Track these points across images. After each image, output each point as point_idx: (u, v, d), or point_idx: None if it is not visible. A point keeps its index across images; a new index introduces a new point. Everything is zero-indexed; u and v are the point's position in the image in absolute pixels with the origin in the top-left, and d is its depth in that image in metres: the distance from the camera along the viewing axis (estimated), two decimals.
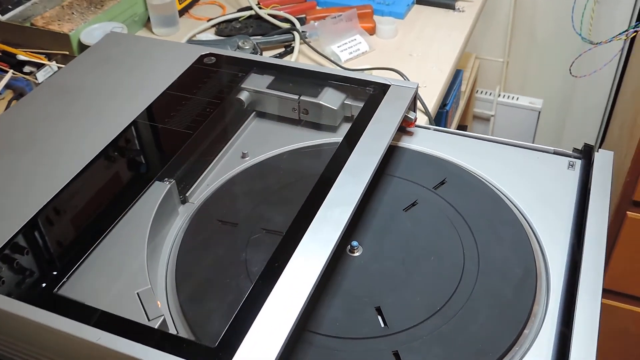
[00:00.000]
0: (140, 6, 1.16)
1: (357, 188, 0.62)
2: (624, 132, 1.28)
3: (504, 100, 1.68)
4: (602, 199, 0.67)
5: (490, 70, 1.76)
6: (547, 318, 0.57)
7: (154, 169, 0.68)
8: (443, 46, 1.12)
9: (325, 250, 0.56)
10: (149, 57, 0.87)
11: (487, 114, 1.68)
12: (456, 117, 1.42)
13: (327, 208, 0.60)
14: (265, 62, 0.84)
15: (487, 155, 0.75)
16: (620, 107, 1.52)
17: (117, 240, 0.60)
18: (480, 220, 0.66)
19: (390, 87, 0.77)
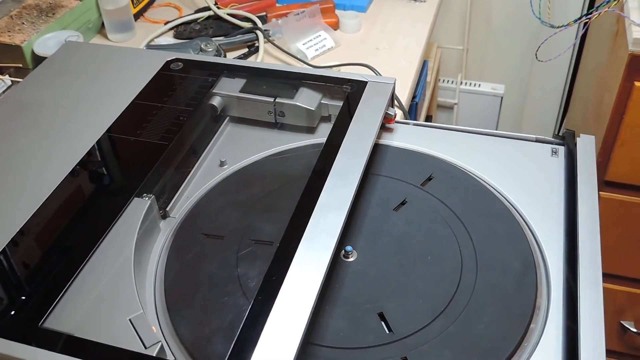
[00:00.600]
0: (94, 12, 1.11)
1: (348, 191, 0.61)
2: (589, 112, 1.30)
3: (466, 87, 1.69)
4: (590, 184, 0.67)
5: (451, 59, 1.76)
6: (552, 310, 0.56)
7: (131, 185, 0.65)
8: (408, 38, 1.11)
9: (324, 258, 0.54)
10: (111, 66, 0.83)
11: (450, 102, 1.69)
12: (424, 108, 1.42)
13: (320, 214, 0.58)
14: (235, 65, 0.81)
15: (470, 148, 0.74)
16: (580, 88, 1.54)
17: (101, 264, 0.57)
18: (472, 215, 0.65)
19: (368, 84, 0.76)
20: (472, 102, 1.69)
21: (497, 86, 1.68)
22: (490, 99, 1.67)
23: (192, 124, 0.74)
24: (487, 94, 1.67)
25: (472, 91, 1.68)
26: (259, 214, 0.66)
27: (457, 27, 1.73)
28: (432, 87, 1.48)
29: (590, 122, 1.25)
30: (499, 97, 1.67)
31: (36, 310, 0.53)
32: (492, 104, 1.68)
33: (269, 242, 0.63)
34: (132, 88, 0.78)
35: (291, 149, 0.75)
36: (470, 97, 1.69)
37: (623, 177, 1.08)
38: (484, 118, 1.71)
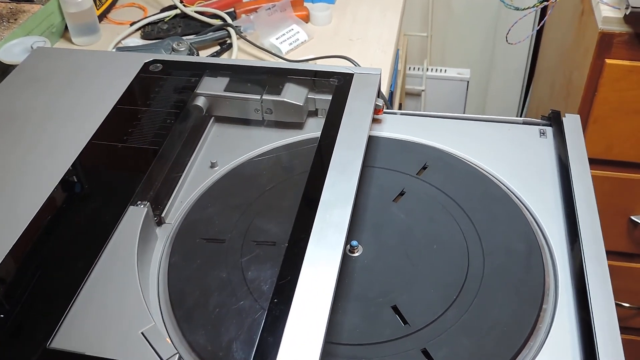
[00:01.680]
0: (57, 16, 1.07)
1: (350, 185, 0.60)
2: (557, 91, 1.32)
3: (433, 74, 1.70)
4: (582, 161, 0.68)
5: (415, 46, 1.77)
6: (560, 289, 0.57)
7: (124, 193, 0.63)
8: (380, 28, 1.11)
9: (335, 255, 0.53)
10: (86, 71, 0.80)
11: (417, 89, 1.69)
12: (397, 96, 1.42)
13: (325, 211, 0.58)
14: (217, 63, 0.80)
15: (460, 134, 0.74)
16: (543, 68, 1.57)
17: (104, 277, 0.55)
18: (471, 201, 0.66)
19: (354, 76, 0.75)
20: (439, 87, 1.70)
21: (462, 71, 1.70)
22: (456, 83, 1.69)
23: (180, 126, 0.72)
24: (453, 79, 1.69)
25: (438, 77, 1.69)
26: (257, 215, 0.65)
27: (419, 14, 1.74)
28: (402, 75, 1.48)
29: (559, 101, 1.27)
30: (465, 82, 1.68)
31: (42, 330, 0.51)
32: (459, 89, 1.69)
33: (271, 242, 0.61)
34: (112, 92, 0.76)
35: (282, 146, 0.74)
36: (437, 83, 1.70)
37: (598, 153, 1.10)
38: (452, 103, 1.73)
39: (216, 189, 0.69)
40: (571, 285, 0.57)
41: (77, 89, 0.77)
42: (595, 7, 1.01)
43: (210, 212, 0.66)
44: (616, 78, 1.02)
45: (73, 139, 0.69)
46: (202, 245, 0.62)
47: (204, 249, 0.62)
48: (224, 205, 0.67)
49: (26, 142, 0.70)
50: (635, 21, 0.96)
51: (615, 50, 1.00)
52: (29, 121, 0.73)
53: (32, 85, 0.79)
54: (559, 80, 1.31)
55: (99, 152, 0.68)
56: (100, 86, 0.77)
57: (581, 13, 1.13)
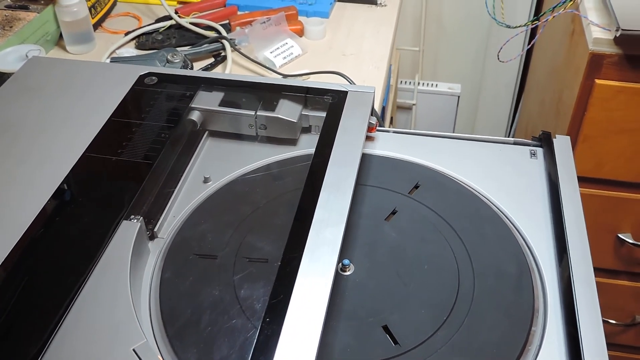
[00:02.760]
0: (52, 24, 1.07)
1: (343, 204, 0.60)
2: (546, 109, 1.33)
3: (424, 88, 1.71)
4: (571, 183, 0.68)
5: (407, 60, 1.78)
6: (550, 311, 0.57)
7: (118, 208, 0.63)
8: (374, 43, 1.11)
9: (327, 274, 0.54)
10: (81, 82, 0.80)
11: (408, 103, 1.70)
12: (389, 111, 1.43)
13: (318, 229, 0.58)
14: (212, 78, 0.80)
15: (452, 153, 0.75)
16: (534, 86, 1.58)
17: (96, 292, 0.55)
18: (462, 221, 0.66)
19: (348, 94, 0.76)
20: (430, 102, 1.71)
21: (453, 85, 1.71)
22: (447, 98, 1.70)
23: (174, 140, 0.72)
24: (444, 94, 1.70)
25: (429, 91, 1.70)
26: (250, 231, 0.65)
27: (411, 29, 1.75)
28: (394, 90, 1.49)
29: (549, 118, 1.28)
30: (456, 96, 1.69)
31: (33, 346, 0.51)
32: (450, 103, 1.70)
33: (264, 260, 0.62)
34: (106, 105, 0.76)
35: (275, 162, 0.75)
36: (428, 98, 1.71)
37: (587, 171, 1.11)
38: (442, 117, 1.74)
39: (209, 204, 0.69)
40: (560, 307, 0.58)
41: (72, 100, 0.77)
42: (585, 28, 1.03)
43: (203, 228, 0.66)
44: (605, 98, 1.03)
45: (67, 150, 0.69)
46: (194, 261, 0.62)
47: (196, 265, 0.62)
48: (217, 220, 0.67)
49: (19, 153, 0.70)
50: (625, 43, 0.98)
51: (605, 70, 1.01)
52: (23, 131, 0.73)
53: (26, 95, 0.79)
54: (548, 98, 1.32)
55: (93, 165, 0.68)
56: (95, 98, 0.77)
57: (572, 33, 1.14)
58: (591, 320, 0.55)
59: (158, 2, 1.20)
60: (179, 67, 0.99)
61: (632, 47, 0.97)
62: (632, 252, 1.20)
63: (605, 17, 1.00)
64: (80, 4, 1.04)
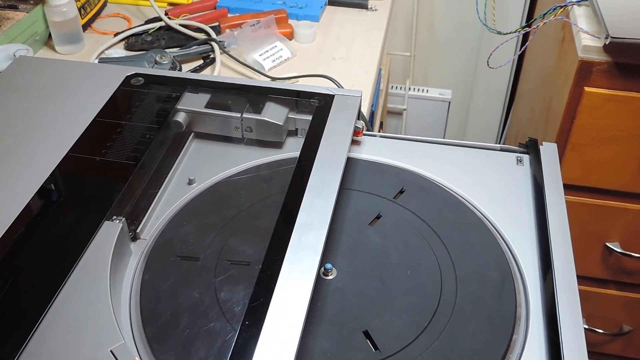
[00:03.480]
0: (41, 24, 1.07)
1: (326, 208, 0.60)
2: (536, 116, 1.33)
3: (415, 93, 1.71)
4: (557, 190, 0.69)
5: (398, 65, 1.78)
6: (532, 319, 0.57)
7: (100, 208, 0.62)
8: (364, 47, 1.12)
9: (308, 279, 0.54)
10: (68, 82, 0.80)
11: (399, 108, 1.71)
12: (378, 116, 1.43)
13: (300, 233, 0.58)
14: (199, 79, 0.80)
15: (438, 159, 0.75)
16: (524, 92, 1.59)
17: (76, 292, 0.55)
18: (446, 227, 0.66)
19: (335, 97, 0.76)
20: (421, 107, 1.71)
21: (444, 91, 1.71)
22: (438, 104, 1.70)
23: (159, 142, 0.72)
24: (435, 99, 1.70)
25: (420, 97, 1.71)
26: (233, 234, 0.65)
27: (402, 34, 1.76)
28: (384, 95, 1.49)
29: (539, 125, 1.28)
30: (446, 102, 1.70)
31: (10, 345, 0.50)
32: (441, 109, 1.71)
33: (246, 262, 0.61)
34: (92, 105, 0.75)
35: (261, 165, 0.74)
36: (418, 103, 1.71)
37: (575, 179, 1.11)
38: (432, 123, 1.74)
39: (193, 206, 0.69)
40: (542, 315, 0.58)
41: (58, 99, 0.77)
42: (575, 35, 1.03)
43: (186, 230, 0.66)
44: (594, 106, 1.03)
45: (51, 150, 0.69)
46: (176, 262, 0.62)
47: (178, 267, 0.62)
48: (200, 223, 0.66)
49: (3, 152, 0.69)
50: (614, 51, 0.98)
51: (595, 78, 1.01)
52: (8, 131, 0.72)
53: (12, 94, 0.78)
54: (539, 104, 1.32)
55: (77, 165, 0.68)
56: (80, 98, 0.77)
57: (562, 40, 1.15)
58: (573, 329, 0.55)
59: (148, 4, 1.20)
60: (167, 69, 0.99)
61: (622, 55, 0.98)
62: (620, 261, 1.20)
63: (595, 25, 1.01)
64: (69, 4, 1.04)
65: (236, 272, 0.60)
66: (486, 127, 1.88)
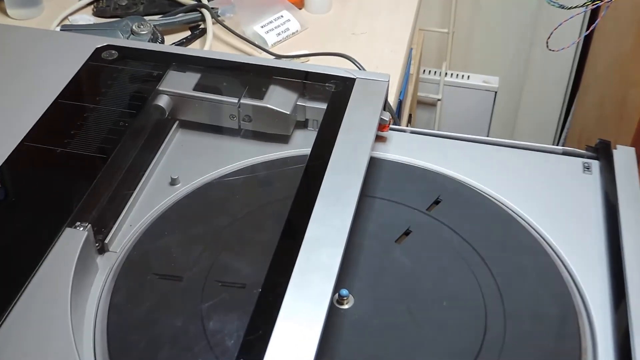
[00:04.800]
0: None
1: (343, 219, 0.61)
2: (607, 112, 1.33)
3: (452, 80, 1.72)
4: (633, 205, 0.68)
5: (432, 45, 1.79)
6: None
7: (60, 211, 0.63)
8: (391, 20, 1.12)
9: (320, 307, 0.54)
10: (22, 54, 0.81)
11: (432, 98, 1.71)
12: (407, 107, 1.43)
13: (310, 249, 0.58)
14: (187, 55, 0.81)
15: (483, 162, 0.75)
16: (591, 82, 1.59)
17: (28, 316, 0.55)
18: (492, 248, 0.66)
19: (356, 82, 0.76)
20: (460, 97, 1.72)
21: (490, 78, 1.72)
22: (481, 93, 1.71)
23: (135, 131, 0.73)
24: (478, 88, 1.71)
25: (459, 84, 1.71)
26: (225, 248, 0.65)
27: (439, 5, 1.76)
28: (414, 80, 1.50)
29: (610, 125, 1.28)
30: (492, 92, 1.70)
31: None
32: (484, 100, 1.71)
33: (241, 285, 0.62)
34: (52, 83, 0.76)
35: (261, 164, 0.75)
36: (457, 92, 1.71)
37: None
38: (474, 117, 1.75)
39: (176, 212, 0.70)
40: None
41: (9, 76, 0.78)
42: None
43: (167, 241, 0.66)
44: None
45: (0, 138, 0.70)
46: (153, 282, 0.63)
47: (156, 288, 0.62)
48: (185, 233, 0.67)
49: None
50: None
51: None
52: None
53: None
54: (610, 98, 1.32)
55: (32, 157, 0.68)
56: (39, 74, 0.78)
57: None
58: None
59: None
60: (146, 41, 1.00)
61: None
62: None
63: None
64: None
65: (228, 296, 0.61)
66: (541, 125, 1.88)
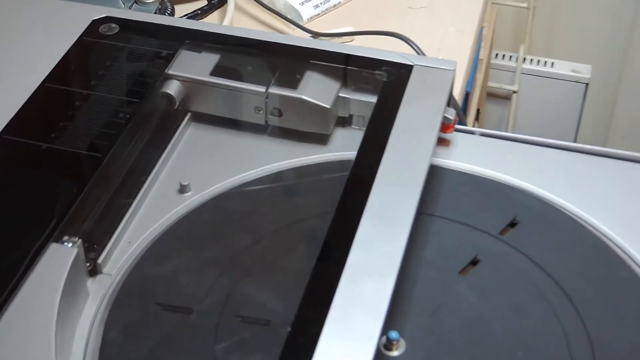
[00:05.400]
0: None
1: (395, 244, 0.61)
2: None
3: (532, 67, 1.71)
4: None
5: (507, 23, 1.78)
6: None
7: (43, 223, 0.64)
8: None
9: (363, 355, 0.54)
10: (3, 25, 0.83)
11: (507, 89, 1.71)
12: (474, 100, 1.43)
13: (352, 281, 0.58)
14: (203, 31, 0.82)
15: (574, 175, 0.75)
16: None
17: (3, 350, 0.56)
18: (583, 285, 0.66)
19: (414, 70, 0.76)
20: (541, 89, 1.71)
21: (580, 66, 1.71)
22: (569, 85, 1.70)
23: (138, 124, 0.73)
24: (564, 78, 1.70)
25: (540, 73, 1.71)
26: (245, 275, 0.66)
27: None
28: (484, 68, 1.49)
29: None
30: (582, 84, 1.69)
31: None
32: (572, 93, 1.70)
33: (265, 321, 0.62)
34: (39, 63, 0.78)
35: (292, 170, 0.75)
36: (537, 82, 1.71)
37: None
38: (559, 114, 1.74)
39: (185, 228, 0.70)
40: None
41: None
42: None
43: (174, 264, 0.67)
44: None
45: None
46: (156, 314, 0.63)
47: (159, 322, 0.63)
48: (196, 254, 0.68)
49: None
50: None
51: None
52: None
53: None
54: None
55: (11, 154, 0.69)
56: (22, 51, 0.80)
57: None
58: None
59: None
60: (152, 11, 1.01)
61: None
62: None
63: None
64: None
65: (249, 335, 0.61)
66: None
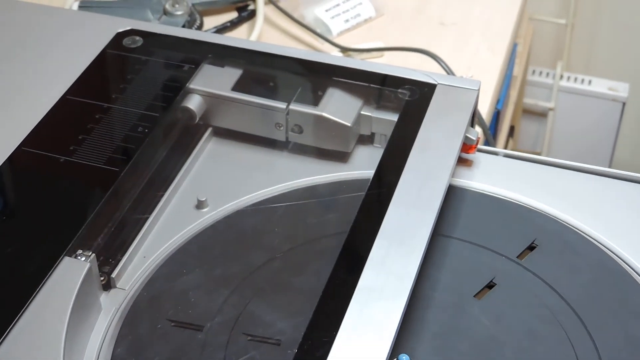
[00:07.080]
0: None
1: (409, 265, 0.61)
2: None
3: (570, 85, 1.70)
4: None
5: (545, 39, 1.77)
6: None
7: (59, 237, 0.64)
8: (491, 7, 1.12)
9: None
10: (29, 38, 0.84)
11: (542, 106, 1.70)
12: (507, 117, 1.42)
13: (363, 302, 0.58)
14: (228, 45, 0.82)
15: (600, 201, 0.74)
16: None
17: None
18: (600, 313, 0.65)
19: (437, 88, 0.76)
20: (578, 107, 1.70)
21: (617, 85, 1.69)
22: (606, 104, 1.68)
23: (157, 138, 0.74)
24: (601, 97, 1.69)
25: (577, 91, 1.70)
26: (258, 294, 0.66)
27: None
28: (518, 84, 1.48)
29: None
30: (620, 102, 1.68)
31: None
32: (610, 112, 1.69)
33: (275, 341, 0.62)
34: (62, 75, 0.78)
35: (310, 188, 0.76)
36: (574, 100, 1.70)
37: None
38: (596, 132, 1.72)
39: (200, 244, 0.70)
40: None
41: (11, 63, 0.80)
42: None
43: (187, 280, 0.67)
44: None
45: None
46: (167, 331, 0.64)
47: (170, 338, 0.63)
48: (209, 271, 0.68)
49: None
50: None
51: None
52: None
53: None
54: None
55: (30, 167, 0.70)
56: (44, 62, 0.80)
57: None
58: None
59: None
60: (180, 23, 1.02)
61: None
62: None
63: None
64: None
65: (259, 355, 0.61)
66: None
